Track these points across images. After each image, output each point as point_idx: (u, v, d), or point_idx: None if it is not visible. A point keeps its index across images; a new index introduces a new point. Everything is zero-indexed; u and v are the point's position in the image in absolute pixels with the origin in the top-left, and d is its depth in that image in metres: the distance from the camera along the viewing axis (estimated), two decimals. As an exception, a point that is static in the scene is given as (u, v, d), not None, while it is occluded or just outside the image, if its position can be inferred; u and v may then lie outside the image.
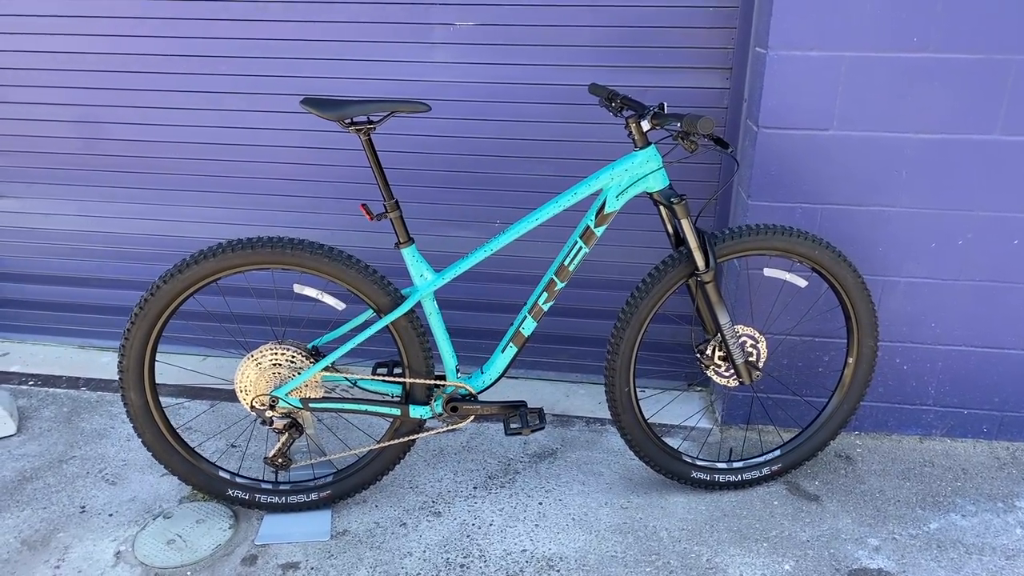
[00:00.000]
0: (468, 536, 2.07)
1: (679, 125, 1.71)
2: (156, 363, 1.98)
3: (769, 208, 2.28)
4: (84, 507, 2.18)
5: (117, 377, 1.96)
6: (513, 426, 2.02)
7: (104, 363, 2.96)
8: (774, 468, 2.26)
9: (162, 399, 2.69)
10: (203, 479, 2.08)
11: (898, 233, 2.28)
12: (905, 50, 2.08)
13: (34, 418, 2.61)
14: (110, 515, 2.15)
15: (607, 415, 2.61)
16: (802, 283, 2.12)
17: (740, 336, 2.11)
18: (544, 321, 2.78)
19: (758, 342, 2.13)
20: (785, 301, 2.37)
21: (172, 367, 2.85)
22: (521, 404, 2.07)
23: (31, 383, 2.84)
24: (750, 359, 2.11)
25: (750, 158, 2.26)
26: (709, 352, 2.11)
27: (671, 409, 2.66)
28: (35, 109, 2.79)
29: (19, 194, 2.93)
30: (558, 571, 1.95)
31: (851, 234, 2.29)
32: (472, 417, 2.07)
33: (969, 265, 2.29)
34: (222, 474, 2.09)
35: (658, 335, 2.74)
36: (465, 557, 2.00)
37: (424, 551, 2.02)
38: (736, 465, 2.25)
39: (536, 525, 2.12)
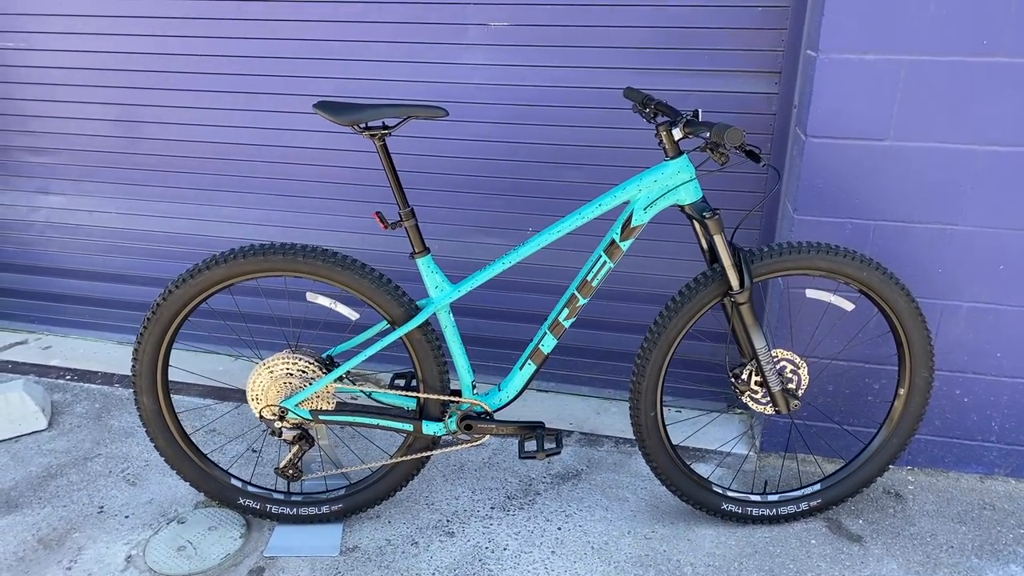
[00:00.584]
0: (480, 560, 1.98)
1: (708, 135, 1.58)
2: (170, 368, 1.96)
3: (816, 223, 2.12)
4: (102, 507, 2.18)
5: (131, 381, 1.94)
6: (528, 449, 1.92)
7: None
8: (813, 503, 2.09)
9: (190, 399, 2.71)
10: (215, 487, 2.05)
11: (961, 253, 2.08)
12: (973, 54, 1.90)
13: (67, 413, 2.64)
14: (126, 517, 2.15)
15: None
16: (848, 306, 1.96)
17: (779, 361, 1.96)
18: (579, 334, 2.67)
19: (799, 368, 1.97)
20: (830, 324, 2.20)
21: (200, 367, 2.86)
22: (539, 425, 1.97)
23: (68, 377, 2.88)
24: (789, 386, 1.96)
25: (797, 169, 2.10)
26: (745, 377, 1.97)
27: (708, 432, 2.51)
28: (79, 108, 2.83)
29: (65, 191, 2.98)
30: (571, 604, 1.85)
31: (907, 253, 2.11)
32: (487, 436, 1.98)
33: (1042, 291, 2.08)
34: (234, 482, 2.06)
35: (696, 352, 2.60)
36: (475, 582, 1.91)
37: (433, 574, 1.94)
38: (771, 498, 2.10)
39: (552, 552, 2.01)
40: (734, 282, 1.81)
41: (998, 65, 1.90)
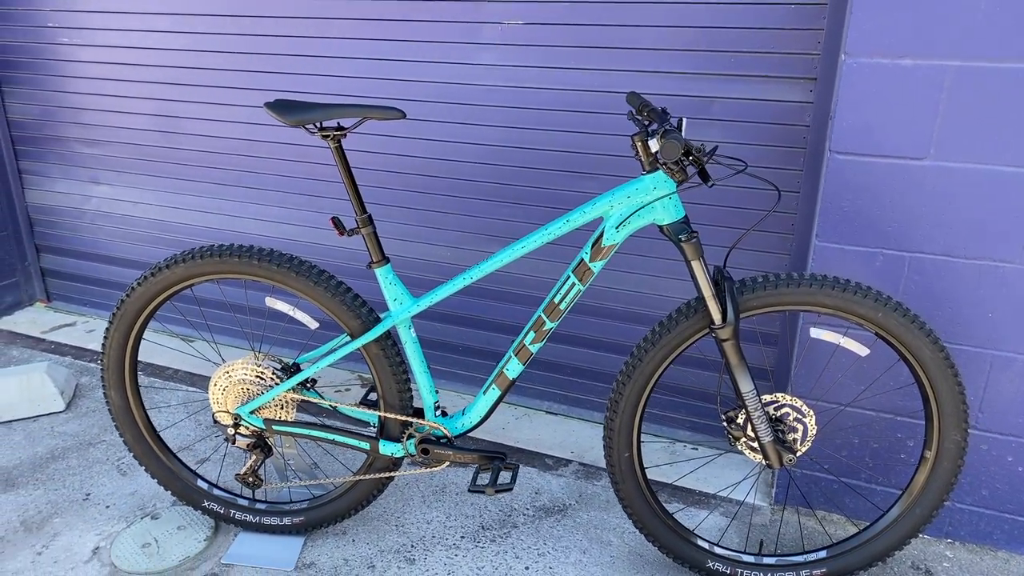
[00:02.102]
0: (433, 593, 1.86)
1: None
2: (138, 364, 1.95)
3: (840, 252, 1.85)
4: (89, 495, 2.22)
5: (100, 377, 1.95)
6: (479, 483, 1.77)
7: (166, 349, 3.05)
8: (816, 572, 1.82)
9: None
10: (180, 487, 2.03)
11: (1015, 296, 1.76)
12: (1035, 60, 1.59)
13: (87, 397, 2.73)
14: (107, 507, 2.17)
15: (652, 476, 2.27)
16: (863, 351, 1.68)
17: (781, 407, 1.72)
18: (595, 356, 2.49)
19: (805, 416, 1.72)
20: (852, 370, 1.92)
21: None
22: (500, 456, 1.82)
23: (100, 362, 2.98)
24: (788, 436, 1.71)
25: (820, 189, 1.84)
26: (740, 421, 1.74)
27: (715, 473, 2.27)
28: (124, 103, 2.92)
29: (111, 182, 3.09)
30: (516, 655, 1.69)
31: (949, 292, 1.80)
32: (446, 463, 1.85)
33: (1119, 348, 1.72)
34: (200, 483, 2.03)
35: (704, 382, 2.36)
36: (420, 618, 1.79)
37: (381, 602, 1.83)
38: (767, 561, 1.84)
39: (512, 593, 1.86)
40: (715, 315, 1.59)
41: (1066, 74, 1.58)
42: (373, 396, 1.94)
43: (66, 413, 2.63)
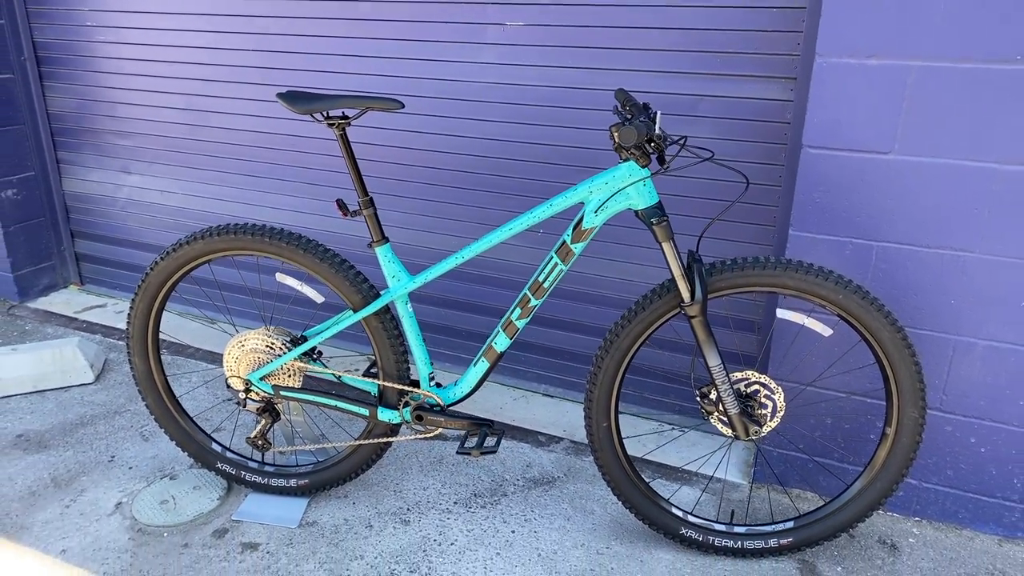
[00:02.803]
0: (424, 551, 2.00)
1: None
2: (160, 334, 2.12)
3: (812, 240, 1.96)
4: (113, 457, 2.40)
5: (125, 345, 2.12)
6: (467, 445, 1.91)
7: (191, 329, 3.24)
8: (783, 541, 1.94)
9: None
10: (196, 448, 2.20)
11: (976, 284, 1.86)
12: (991, 60, 1.69)
13: (115, 371, 2.92)
14: (130, 468, 2.34)
15: (631, 451, 2.40)
16: (825, 331, 1.80)
17: (751, 384, 1.84)
18: (584, 340, 2.62)
19: (774, 393, 1.84)
20: (816, 351, 2.03)
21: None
22: (487, 424, 1.96)
23: (126, 330, 3.17)
24: (759, 412, 1.83)
25: (795, 181, 1.96)
26: (712, 397, 1.86)
27: (698, 454, 2.38)
28: (152, 96, 3.11)
29: (141, 172, 3.29)
30: (497, 607, 1.83)
31: (915, 280, 1.91)
32: (439, 429, 1.99)
33: (1073, 334, 1.81)
34: (214, 446, 2.20)
35: (690, 367, 2.47)
36: (411, 572, 1.93)
37: (376, 557, 1.98)
38: (737, 530, 1.96)
39: (497, 553, 1.99)
40: (684, 294, 1.72)
41: (1020, 73, 1.68)
42: (374, 370, 2.09)
43: (95, 384, 2.82)
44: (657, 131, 1.64)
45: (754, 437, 1.82)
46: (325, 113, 1.79)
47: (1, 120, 3.27)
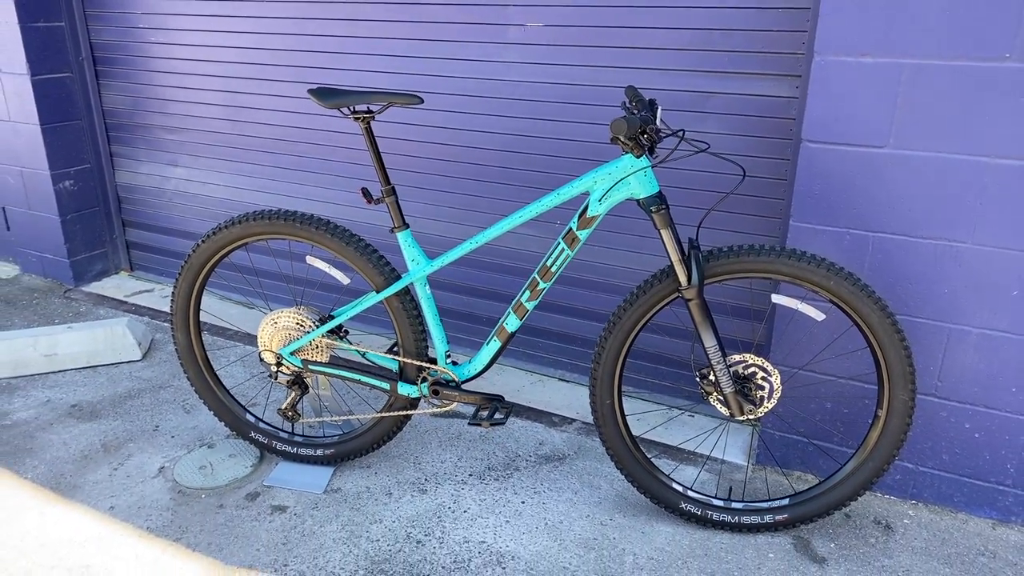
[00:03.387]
0: (439, 517, 2.14)
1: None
2: (200, 311, 2.30)
3: (812, 231, 2.05)
4: (158, 427, 2.59)
5: (169, 322, 2.30)
6: (479, 417, 2.05)
7: (231, 313, 3.43)
8: (779, 518, 2.03)
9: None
10: (232, 419, 2.37)
11: (969, 274, 1.93)
12: (982, 58, 1.77)
13: (160, 350, 3.12)
14: (172, 437, 2.53)
15: (640, 434, 2.51)
16: (818, 316, 1.89)
17: (749, 366, 1.94)
18: (599, 328, 2.73)
19: (771, 375, 1.94)
20: (810, 335, 2.11)
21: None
22: (498, 398, 2.10)
23: (170, 307, 3.38)
24: (756, 393, 1.93)
25: (795, 174, 2.05)
26: (711, 378, 1.96)
27: (710, 438, 2.48)
28: (197, 94, 3.32)
29: (187, 164, 3.50)
30: (504, 568, 1.96)
31: (910, 269, 1.99)
32: (454, 403, 2.13)
33: (1063, 323, 1.88)
34: (248, 417, 2.37)
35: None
36: (426, 535, 2.07)
37: (394, 521, 2.12)
38: (735, 505, 2.06)
39: (507, 521, 2.12)
40: (681, 278, 1.83)
41: (1008, 71, 1.75)
42: (396, 349, 2.24)
43: (142, 362, 3.03)
44: (657, 124, 1.76)
45: (749, 416, 1.92)
46: (352, 108, 1.95)
47: (60, 116, 3.51)
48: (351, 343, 2.20)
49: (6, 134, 3.56)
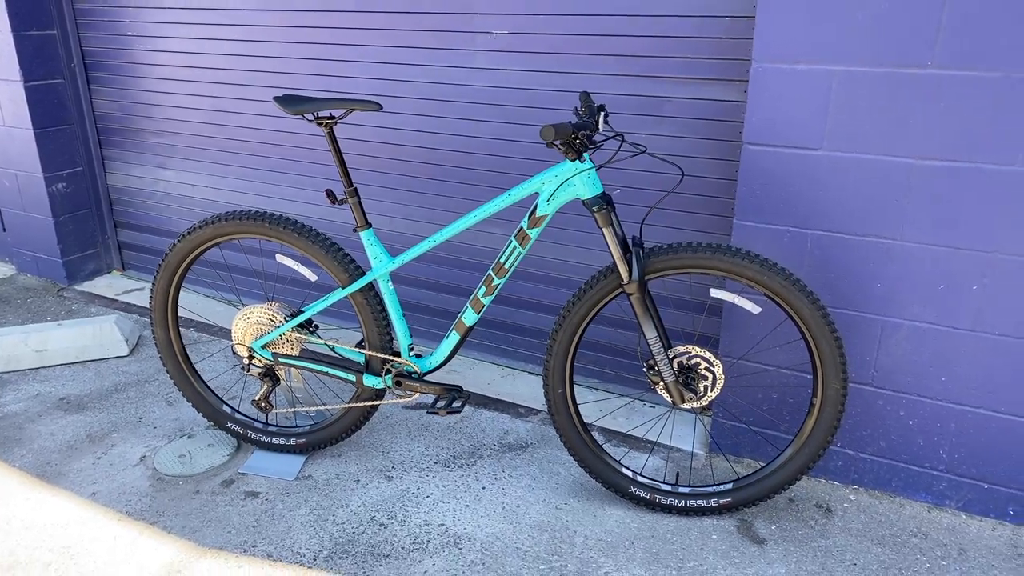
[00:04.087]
0: (402, 502, 2.26)
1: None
2: (179, 307, 2.42)
3: (754, 229, 2.16)
4: (141, 418, 2.71)
5: (148, 316, 2.42)
6: (437, 405, 2.17)
7: (218, 311, 3.56)
8: (723, 501, 2.14)
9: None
10: (210, 410, 2.49)
11: (900, 269, 2.04)
12: (903, 65, 1.88)
13: (147, 346, 3.25)
14: (155, 428, 2.66)
15: (603, 424, 2.63)
16: (754, 309, 2.00)
17: (693, 358, 2.05)
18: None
19: (713, 365, 2.04)
20: (750, 328, 2.22)
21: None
22: (457, 388, 2.21)
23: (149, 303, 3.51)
24: (700, 383, 2.03)
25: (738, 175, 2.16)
26: (657, 369, 2.07)
27: (666, 429, 2.59)
28: (183, 99, 3.44)
29: (175, 167, 3.63)
30: (460, 549, 2.07)
31: (846, 265, 2.09)
32: (417, 394, 2.25)
33: (987, 315, 1.98)
34: (225, 408, 2.49)
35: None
36: (389, 519, 2.19)
37: (359, 506, 2.24)
38: (682, 490, 2.17)
39: (467, 506, 2.24)
40: (623, 274, 1.94)
41: (929, 77, 1.86)
42: (364, 343, 2.36)
43: (129, 357, 3.15)
44: (600, 128, 1.87)
45: (694, 404, 2.03)
46: (315, 114, 2.06)
47: (53, 120, 3.64)
48: (320, 338, 2.32)
49: (1, 138, 3.69)
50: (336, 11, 2.90)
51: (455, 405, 2.16)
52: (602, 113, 1.93)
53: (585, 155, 1.93)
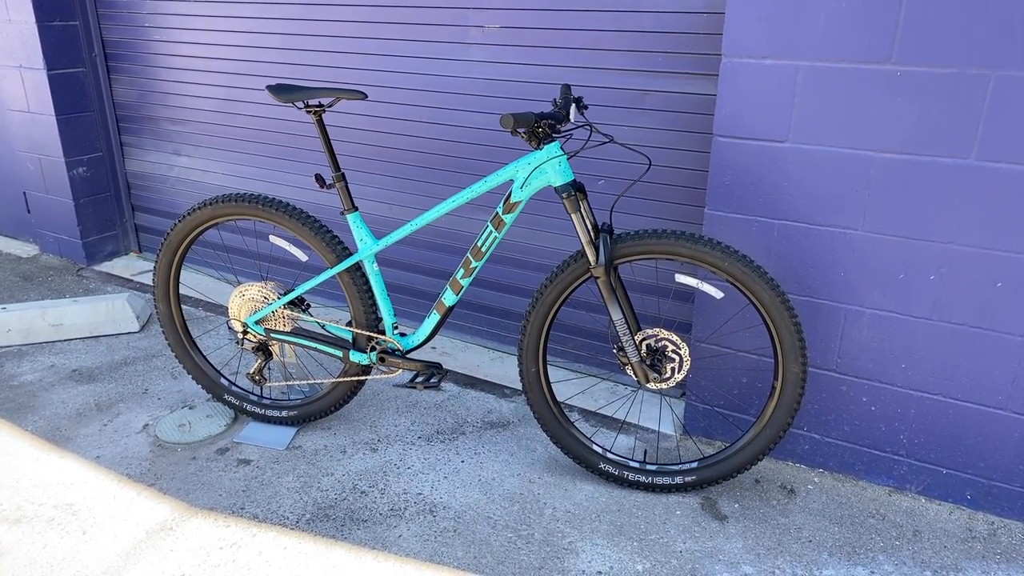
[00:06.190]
0: (384, 472, 2.38)
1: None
2: (180, 284, 2.56)
3: (724, 219, 2.24)
4: (147, 390, 2.87)
5: (151, 292, 2.57)
6: (416, 380, 2.28)
7: (224, 291, 3.71)
8: (688, 479, 2.23)
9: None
10: (208, 382, 2.63)
11: (861, 258, 2.11)
12: (863, 61, 1.94)
13: (157, 323, 3.41)
14: (158, 399, 2.81)
15: (582, 404, 2.72)
16: (717, 294, 2.08)
17: (660, 340, 2.13)
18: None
19: (680, 348, 2.13)
20: (716, 312, 2.30)
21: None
22: (437, 366, 2.32)
23: (151, 280, 3.67)
24: (667, 365, 2.12)
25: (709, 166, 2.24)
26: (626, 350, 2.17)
27: (642, 411, 2.68)
28: (196, 88, 3.59)
29: (189, 154, 3.78)
30: (434, 516, 2.18)
31: (810, 254, 2.17)
32: (400, 370, 2.37)
33: (944, 304, 2.04)
34: (223, 380, 2.63)
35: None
36: (370, 487, 2.31)
37: (343, 475, 2.37)
38: (649, 467, 2.26)
39: (445, 477, 2.35)
40: (591, 258, 2.04)
41: (888, 73, 1.92)
42: (351, 321, 2.48)
43: (139, 333, 3.31)
44: (571, 118, 1.96)
45: (657, 385, 2.12)
46: (305, 102, 2.18)
47: (75, 108, 3.81)
48: (311, 315, 2.44)
49: (26, 124, 3.87)
50: (338, 5, 3.02)
51: (432, 380, 2.27)
52: (575, 104, 2.02)
53: (555, 144, 2.02)
